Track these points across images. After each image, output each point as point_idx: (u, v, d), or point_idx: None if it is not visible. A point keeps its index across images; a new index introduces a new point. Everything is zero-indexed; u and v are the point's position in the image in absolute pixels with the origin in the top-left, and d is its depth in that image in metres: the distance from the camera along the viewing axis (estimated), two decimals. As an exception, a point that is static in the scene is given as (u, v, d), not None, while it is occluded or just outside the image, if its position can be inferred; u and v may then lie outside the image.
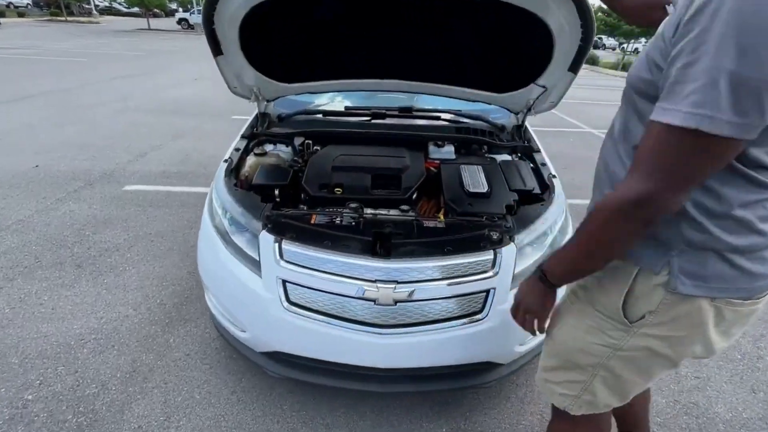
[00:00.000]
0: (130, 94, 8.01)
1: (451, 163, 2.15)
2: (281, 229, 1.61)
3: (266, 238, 1.59)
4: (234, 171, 2.07)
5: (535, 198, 1.98)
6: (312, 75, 2.22)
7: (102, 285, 2.57)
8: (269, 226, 1.62)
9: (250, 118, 2.49)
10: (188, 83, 9.14)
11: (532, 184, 2.03)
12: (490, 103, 2.35)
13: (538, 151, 2.31)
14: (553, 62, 1.92)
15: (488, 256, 1.58)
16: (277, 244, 1.58)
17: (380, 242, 1.59)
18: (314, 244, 1.56)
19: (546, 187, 2.00)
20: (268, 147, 2.31)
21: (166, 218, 3.42)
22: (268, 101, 2.41)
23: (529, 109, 2.26)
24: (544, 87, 2.07)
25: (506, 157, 2.32)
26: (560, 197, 1.92)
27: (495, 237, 1.63)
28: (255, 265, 1.63)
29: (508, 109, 2.40)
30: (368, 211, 1.82)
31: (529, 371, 2.10)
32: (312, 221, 1.68)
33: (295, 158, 2.19)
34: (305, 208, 1.93)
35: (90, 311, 2.34)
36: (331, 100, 2.75)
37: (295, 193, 1.98)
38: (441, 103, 2.58)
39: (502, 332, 1.59)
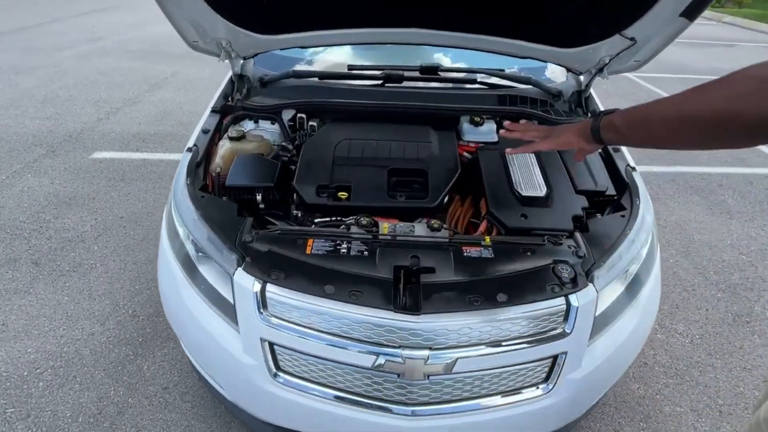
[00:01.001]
0: (101, 33, 7.03)
1: (492, 149, 1.60)
2: (264, 266, 1.13)
3: (243, 280, 1.12)
4: (203, 164, 1.54)
5: (609, 203, 1.47)
6: (302, 22, 1.58)
7: (63, 290, 2.16)
8: (247, 259, 1.15)
9: (223, 83, 1.88)
10: (167, 18, 8.02)
11: (604, 181, 1.49)
12: (545, 60, 1.73)
13: (607, 127, 1.73)
14: (659, 3, 1.29)
15: (558, 304, 1.12)
16: (258, 291, 1.11)
17: (404, 283, 1.12)
18: (311, 288, 1.09)
19: (624, 186, 1.48)
20: (248, 125, 1.74)
21: (141, 196, 2.92)
22: (244, 58, 1.79)
23: (601, 69, 1.64)
24: (632, 40, 1.44)
25: (564, 137, 1.75)
26: (645, 202, 1.41)
27: (566, 275, 1.15)
28: (231, 311, 1.18)
29: (568, 68, 1.78)
30: (384, 226, 1.32)
31: None
32: (308, 249, 1.19)
33: (283, 143, 1.63)
34: (299, 215, 1.44)
35: (48, 328, 1.95)
36: (330, 55, 2.09)
37: (285, 195, 1.47)
38: (475, 60, 1.94)
39: (571, 409, 1.18)
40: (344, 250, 1.20)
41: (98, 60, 5.63)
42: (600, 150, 1.65)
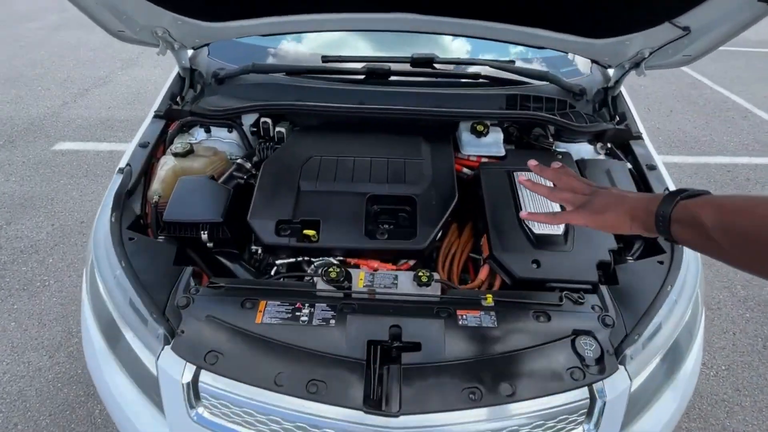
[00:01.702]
0: None
1: (497, 167, 1.29)
2: (199, 343, 0.87)
3: (170, 365, 0.86)
4: (143, 186, 1.25)
5: (641, 243, 1.18)
6: (257, 5, 1.23)
7: (10, 313, 1.92)
8: (179, 333, 0.88)
9: (169, 79, 1.55)
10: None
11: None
12: (566, 51, 1.38)
13: (640, 136, 1.41)
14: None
15: (579, 399, 0.86)
16: (189, 381, 0.85)
17: (380, 364, 0.87)
18: (259, 377, 0.84)
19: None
20: (199, 135, 1.43)
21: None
22: (194, 48, 1.45)
23: (637, 64, 1.30)
24: (686, 29, 1.10)
25: (586, 148, 1.43)
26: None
27: (590, 353, 0.89)
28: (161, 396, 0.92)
29: (595, 61, 1.43)
30: (360, 276, 1.05)
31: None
32: (258, 317, 0.93)
33: (239, 160, 1.32)
34: (258, 252, 1.17)
35: (-12, 361, 1.73)
36: (300, 44, 1.72)
37: (239, 228, 1.18)
38: (478, 49, 1.59)
39: None
40: (305, 318, 0.94)
41: (68, 33, 5.16)
42: (629, 166, 1.35)
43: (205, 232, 1.13)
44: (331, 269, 1.02)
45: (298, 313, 0.94)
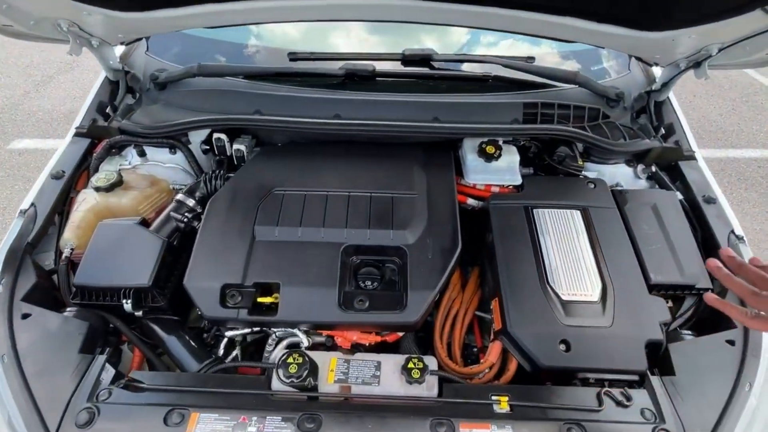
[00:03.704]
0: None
1: (512, 203, 1.01)
2: None
3: None
4: (58, 229, 0.97)
5: (695, 301, 0.91)
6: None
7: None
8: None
9: (96, 84, 1.24)
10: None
11: (694, 263, 0.92)
12: (605, 47, 1.07)
13: (693, 156, 1.12)
14: None
15: None
16: None
17: None
18: None
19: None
20: (132, 159, 1.13)
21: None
22: (122, 44, 1.14)
23: (699, 63, 0.99)
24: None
25: (623, 171, 1.14)
26: None
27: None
28: None
29: (640, 59, 1.12)
30: (331, 362, 0.79)
31: None
32: (187, 437, 0.67)
33: (179, 196, 1.02)
34: (204, 325, 0.90)
35: None
36: (263, 37, 1.36)
37: (179, 293, 0.91)
38: (486, 43, 1.27)
39: None
40: (250, 443, 0.68)
41: (34, 10, 4.72)
42: (680, 197, 1.06)
43: (128, 300, 0.85)
44: (290, 360, 0.76)
45: (241, 433, 0.69)
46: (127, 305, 0.85)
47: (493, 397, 0.74)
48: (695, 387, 0.76)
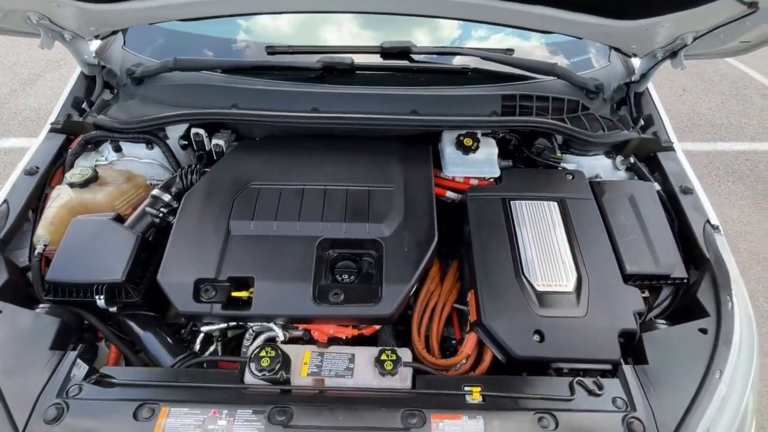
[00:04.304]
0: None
1: (490, 195, 1.01)
2: None
3: None
4: (28, 230, 0.96)
5: (672, 290, 0.92)
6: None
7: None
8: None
9: (72, 80, 1.22)
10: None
11: (670, 252, 0.93)
12: (581, 38, 1.06)
13: (671, 146, 1.12)
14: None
15: None
16: None
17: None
18: None
19: (700, 260, 0.92)
20: (108, 155, 1.12)
21: None
22: (97, 38, 1.12)
23: (675, 53, 0.99)
24: (752, 6, 0.79)
25: (602, 163, 1.14)
26: (740, 294, 0.85)
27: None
28: None
29: (617, 49, 1.12)
30: (305, 355, 0.79)
31: None
32: (157, 432, 0.67)
33: (155, 192, 1.01)
34: (182, 319, 0.90)
35: None
36: (240, 31, 1.34)
37: (155, 288, 0.90)
38: (465, 36, 1.26)
39: None
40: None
41: (21, 7, 4.66)
42: (658, 187, 1.06)
43: (101, 296, 0.85)
44: (263, 353, 0.76)
45: (211, 426, 0.69)
46: (100, 301, 0.85)
47: (466, 388, 0.74)
48: (667, 375, 0.76)
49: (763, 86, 3.78)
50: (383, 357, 0.77)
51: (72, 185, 0.98)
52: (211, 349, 0.92)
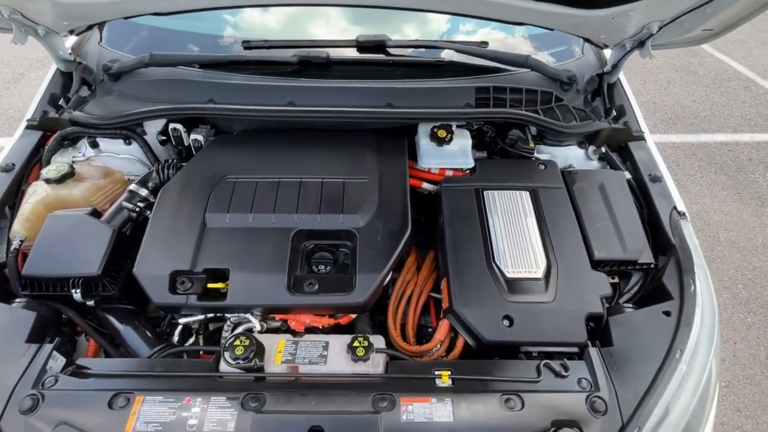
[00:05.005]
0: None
1: (463, 185, 1.02)
2: None
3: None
4: (4, 226, 0.96)
5: (641, 276, 0.95)
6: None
7: None
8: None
9: (48, 76, 1.22)
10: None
11: (637, 239, 0.95)
12: (551, 29, 1.08)
13: (641, 136, 1.14)
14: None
15: None
16: None
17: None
18: None
19: (667, 246, 0.94)
20: (86, 150, 1.13)
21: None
22: (72, 33, 1.12)
23: (642, 42, 1.02)
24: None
25: (575, 153, 1.16)
26: (703, 280, 0.88)
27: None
28: None
29: (588, 40, 1.14)
30: (279, 344, 0.80)
31: None
32: (131, 421, 0.68)
33: (132, 187, 1.02)
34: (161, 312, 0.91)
35: None
36: (216, 25, 1.34)
37: (132, 282, 0.91)
38: (440, 28, 1.28)
39: None
40: (194, 420, 0.69)
41: (4, 6, 4.60)
42: (628, 176, 1.09)
43: (78, 290, 0.86)
44: (237, 342, 0.77)
45: (185, 413, 0.70)
46: (77, 294, 0.86)
47: (437, 372, 0.76)
48: (631, 356, 0.79)
49: (746, 78, 3.83)
50: (355, 344, 0.79)
51: (48, 181, 0.99)
52: (191, 341, 0.93)
